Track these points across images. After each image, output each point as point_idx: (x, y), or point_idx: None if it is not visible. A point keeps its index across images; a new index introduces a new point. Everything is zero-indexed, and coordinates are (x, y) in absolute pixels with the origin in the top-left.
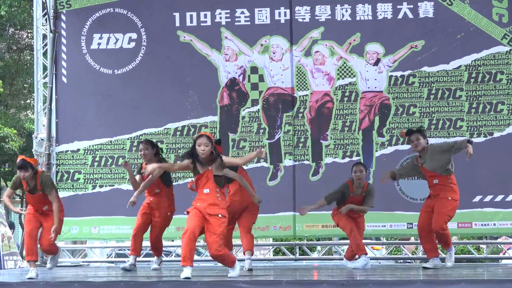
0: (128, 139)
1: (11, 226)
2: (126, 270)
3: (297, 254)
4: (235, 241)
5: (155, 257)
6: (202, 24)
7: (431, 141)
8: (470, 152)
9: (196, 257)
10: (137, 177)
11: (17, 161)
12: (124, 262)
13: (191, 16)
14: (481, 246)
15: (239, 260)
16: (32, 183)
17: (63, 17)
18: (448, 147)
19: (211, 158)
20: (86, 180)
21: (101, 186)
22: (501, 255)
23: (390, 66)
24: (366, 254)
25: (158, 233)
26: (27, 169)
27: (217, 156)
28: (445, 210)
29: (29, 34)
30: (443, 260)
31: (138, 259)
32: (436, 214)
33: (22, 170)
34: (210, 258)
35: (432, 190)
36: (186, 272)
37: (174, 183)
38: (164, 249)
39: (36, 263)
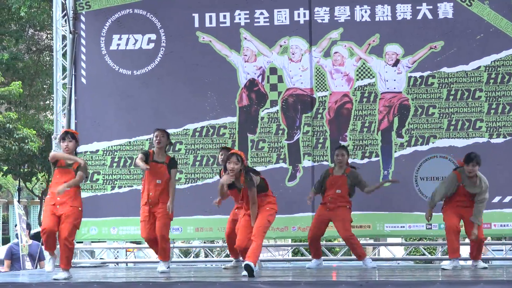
0: (147, 139)
1: (28, 227)
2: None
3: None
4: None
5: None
6: (221, 25)
7: (451, 142)
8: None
9: (210, 258)
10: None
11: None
12: (142, 262)
13: (210, 17)
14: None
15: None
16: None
17: (82, 18)
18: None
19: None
20: (105, 181)
21: (120, 187)
22: None
23: (409, 67)
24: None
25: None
26: (70, 139)
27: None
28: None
29: (48, 35)
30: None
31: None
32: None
33: (64, 140)
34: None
35: (464, 201)
36: None
37: (192, 184)
38: (182, 249)
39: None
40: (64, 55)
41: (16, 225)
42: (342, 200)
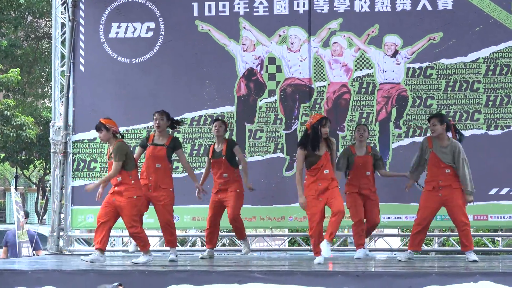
0: (144, 128)
1: (26, 215)
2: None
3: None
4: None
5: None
6: (220, 14)
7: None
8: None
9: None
10: (138, 150)
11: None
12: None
13: (209, 6)
14: (496, 238)
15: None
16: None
17: (81, 5)
18: (456, 161)
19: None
20: (103, 169)
21: None
22: None
23: (408, 58)
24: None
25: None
26: (100, 130)
27: None
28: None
29: (47, 23)
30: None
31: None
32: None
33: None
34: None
35: (440, 176)
36: None
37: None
38: (179, 238)
39: (52, 251)
40: (63, 42)
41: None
42: (372, 184)
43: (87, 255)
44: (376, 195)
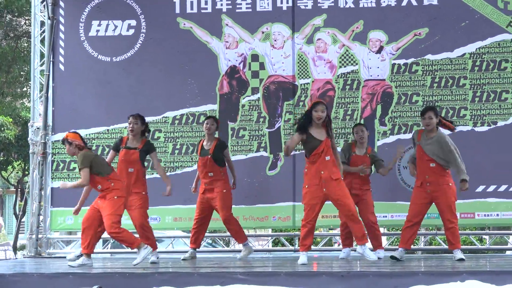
0: (125, 127)
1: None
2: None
3: (296, 245)
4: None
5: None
6: (202, 11)
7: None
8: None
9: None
10: (111, 154)
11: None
12: (120, 253)
13: (191, 2)
14: (483, 237)
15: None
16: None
17: (61, 3)
18: (447, 154)
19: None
20: None
21: None
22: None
23: (393, 54)
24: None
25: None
26: (64, 145)
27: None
28: (452, 199)
29: (26, 21)
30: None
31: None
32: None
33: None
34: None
35: (429, 175)
36: None
37: (171, 172)
38: (158, 239)
39: (31, 254)
40: (42, 41)
41: None
42: (367, 183)
43: (73, 260)
44: (368, 193)
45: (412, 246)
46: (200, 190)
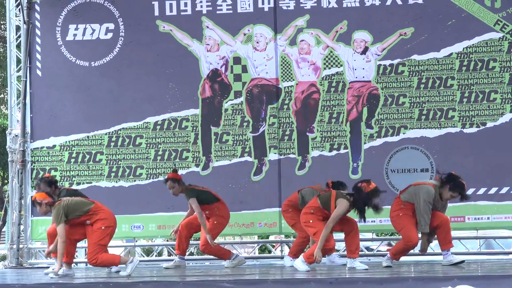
0: (106, 134)
1: None
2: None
3: (284, 252)
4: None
5: None
6: (182, 13)
7: (422, 132)
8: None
9: (174, 257)
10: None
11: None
12: None
13: (170, 4)
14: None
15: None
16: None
17: (37, 7)
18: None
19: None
20: (63, 177)
21: (78, 184)
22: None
23: (378, 55)
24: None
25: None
26: (35, 207)
27: None
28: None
29: (1, 26)
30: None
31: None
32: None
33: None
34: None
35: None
36: None
37: (153, 179)
38: (144, 248)
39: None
40: (18, 46)
41: None
42: None
43: (48, 267)
44: None
45: None
46: None
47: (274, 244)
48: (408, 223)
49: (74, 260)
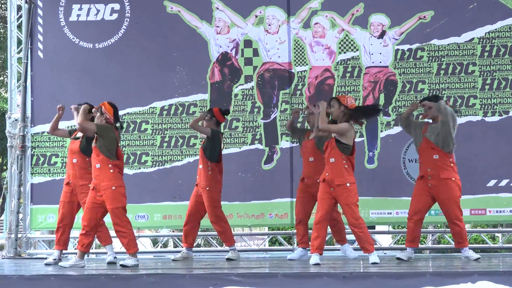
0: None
1: None
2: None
3: (295, 244)
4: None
5: None
6: None
7: None
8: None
9: (180, 248)
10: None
11: None
12: (105, 253)
13: None
14: (496, 235)
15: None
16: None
17: None
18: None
19: None
20: (64, 164)
21: None
22: None
23: (396, 39)
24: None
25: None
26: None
27: None
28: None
29: (2, 5)
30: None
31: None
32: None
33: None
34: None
35: (431, 168)
36: None
37: (159, 167)
38: (149, 239)
39: (10, 255)
40: (19, 26)
41: None
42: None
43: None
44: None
45: (420, 245)
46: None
47: (285, 235)
48: None
49: (67, 251)
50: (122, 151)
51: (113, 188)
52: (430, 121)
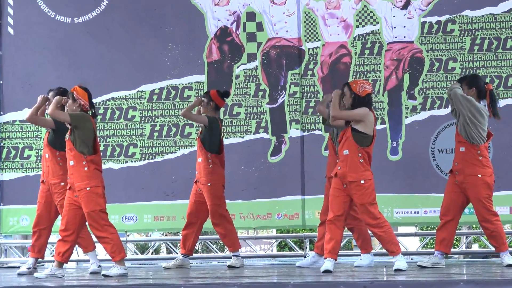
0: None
1: None
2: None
3: (307, 249)
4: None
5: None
6: None
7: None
8: None
9: (174, 255)
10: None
11: None
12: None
13: None
14: None
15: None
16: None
17: None
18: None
19: None
20: (39, 158)
21: None
22: None
23: (423, 10)
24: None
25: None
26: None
27: None
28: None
29: None
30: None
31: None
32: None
33: None
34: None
35: (458, 162)
36: None
37: (149, 160)
38: (138, 244)
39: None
40: None
41: None
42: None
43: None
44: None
45: (452, 249)
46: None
47: (296, 239)
48: None
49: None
50: (107, 143)
51: (88, 188)
52: None
